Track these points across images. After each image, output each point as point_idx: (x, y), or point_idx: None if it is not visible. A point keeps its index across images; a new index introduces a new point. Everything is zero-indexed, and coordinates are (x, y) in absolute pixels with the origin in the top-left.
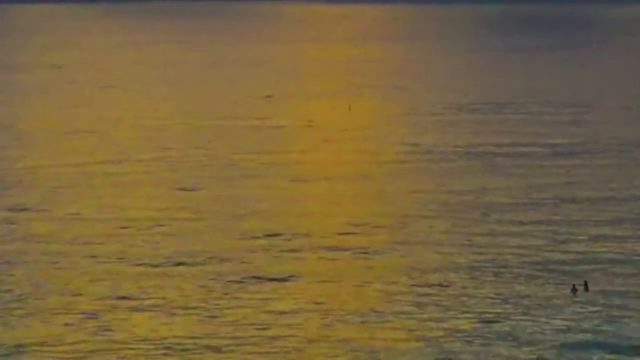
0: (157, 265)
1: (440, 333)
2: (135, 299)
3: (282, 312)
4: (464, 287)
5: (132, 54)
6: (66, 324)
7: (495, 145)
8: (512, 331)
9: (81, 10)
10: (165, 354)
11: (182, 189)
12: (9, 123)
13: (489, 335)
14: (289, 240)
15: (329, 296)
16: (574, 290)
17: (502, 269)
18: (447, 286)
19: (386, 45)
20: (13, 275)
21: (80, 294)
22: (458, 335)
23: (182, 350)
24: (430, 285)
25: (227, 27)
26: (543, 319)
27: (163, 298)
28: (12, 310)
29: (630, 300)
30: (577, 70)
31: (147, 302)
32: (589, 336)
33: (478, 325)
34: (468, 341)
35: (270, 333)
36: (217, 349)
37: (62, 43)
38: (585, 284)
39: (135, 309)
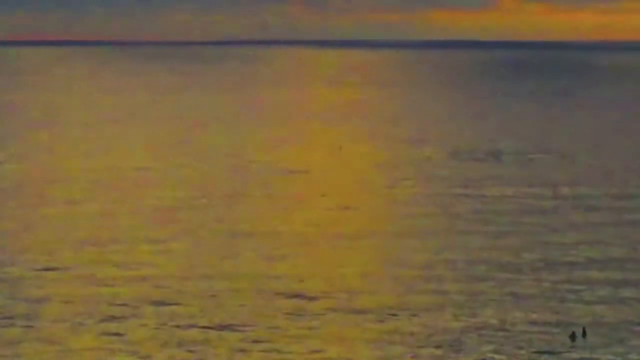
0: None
1: None
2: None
3: None
4: (465, 331)
5: (127, 96)
6: None
7: (490, 197)
8: None
9: (78, 53)
10: None
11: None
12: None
13: None
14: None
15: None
16: (573, 336)
17: (503, 313)
18: (447, 332)
19: (381, 89)
20: None
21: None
22: None
23: None
24: (437, 346)
25: (227, 71)
26: None
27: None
28: None
29: (628, 348)
30: (575, 117)
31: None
32: None
33: None
34: None
35: None
36: None
37: (59, 85)
38: (584, 331)
39: (121, 348)
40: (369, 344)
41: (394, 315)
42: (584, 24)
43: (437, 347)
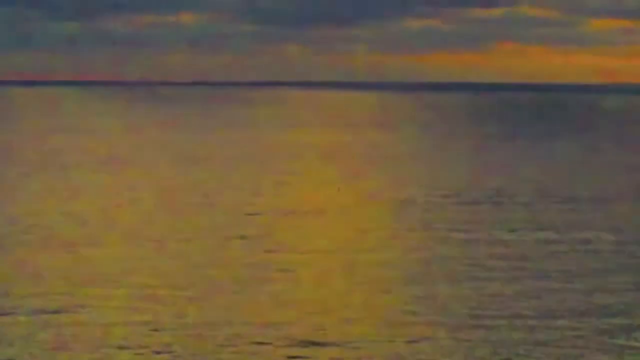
0: None
1: None
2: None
3: None
4: None
5: (137, 137)
6: None
7: (487, 241)
8: None
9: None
10: None
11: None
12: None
13: None
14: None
15: None
16: None
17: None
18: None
19: (381, 131)
20: None
21: None
22: None
23: None
24: None
25: (227, 111)
26: None
27: None
28: None
29: None
30: (574, 159)
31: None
32: None
33: None
34: None
35: None
36: None
37: (54, 125)
38: None
39: None
40: None
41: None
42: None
43: None
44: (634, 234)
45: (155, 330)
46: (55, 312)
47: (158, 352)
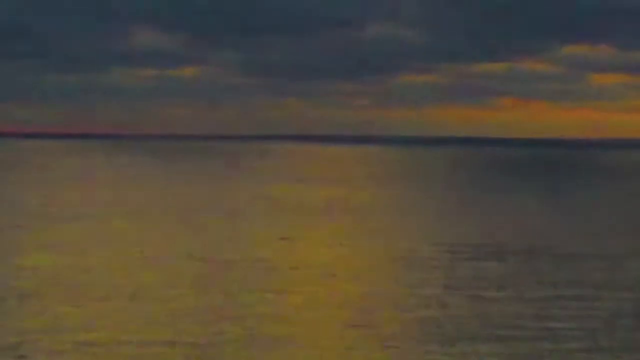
0: None
1: None
2: None
3: None
4: None
5: (139, 190)
6: None
7: (491, 299)
8: None
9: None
10: None
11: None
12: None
13: None
14: None
15: None
16: None
17: None
18: None
19: (384, 185)
20: None
21: None
22: None
23: None
24: None
25: (229, 165)
26: None
27: None
28: None
29: None
30: (577, 215)
31: None
32: None
33: None
34: None
35: None
36: None
37: (61, 178)
38: None
39: None
40: None
41: None
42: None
43: None
44: (635, 292)
45: None
46: None
47: None
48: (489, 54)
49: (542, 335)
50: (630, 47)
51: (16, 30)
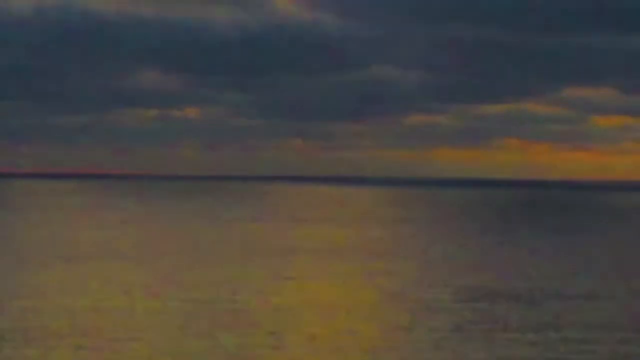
0: None
1: None
2: None
3: None
4: None
5: (141, 230)
6: None
7: (499, 344)
8: None
9: (81, 186)
10: None
11: None
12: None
13: None
14: None
15: None
16: None
17: None
18: None
19: (385, 227)
20: None
21: None
22: None
23: None
24: None
25: (230, 205)
26: None
27: None
28: None
29: None
30: (582, 257)
31: None
32: None
33: None
34: None
35: None
36: None
37: (65, 218)
38: None
39: None
40: None
41: None
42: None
43: None
44: (634, 334)
45: None
46: None
47: None
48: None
49: None
50: (632, 89)
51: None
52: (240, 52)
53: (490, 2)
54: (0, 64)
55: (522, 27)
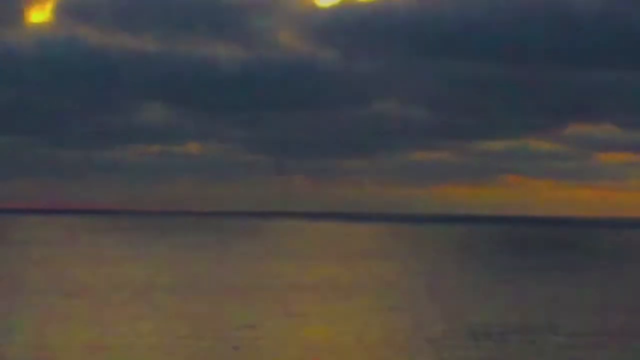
0: None
1: None
2: None
3: None
4: None
5: (143, 267)
6: None
7: None
8: None
9: (78, 222)
10: None
11: None
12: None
13: None
14: None
15: None
16: None
17: None
18: None
19: (390, 263)
20: None
21: None
22: None
23: None
24: None
25: (230, 242)
26: None
27: None
28: None
29: None
30: (582, 294)
31: None
32: None
33: None
34: None
35: None
36: None
37: (61, 254)
38: None
39: None
40: None
41: None
42: (588, 200)
43: None
44: None
45: None
46: None
47: None
48: (493, 131)
49: None
50: (633, 126)
51: (18, 106)
52: (243, 88)
53: (492, 38)
54: (2, 100)
55: (524, 63)
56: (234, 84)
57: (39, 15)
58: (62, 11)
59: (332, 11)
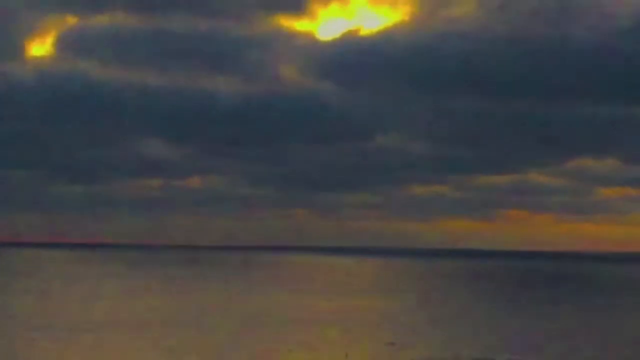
0: None
1: None
2: None
3: None
4: None
5: (141, 301)
6: None
7: None
8: None
9: (78, 256)
10: None
11: None
12: None
13: None
14: None
15: None
16: None
17: None
18: None
19: (391, 297)
20: None
21: None
22: None
23: None
24: None
25: (232, 276)
26: None
27: None
28: None
29: None
30: (580, 328)
31: None
32: None
33: None
34: None
35: None
36: None
37: (58, 289)
38: None
39: None
40: None
41: None
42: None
43: None
44: None
45: None
46: None
47: None
48: (494, 166)
49: None
50: (636, 161)
51: (19, 140)
52: (244, 121)
53: (493, 73)
54: (2, 133)
55: (526, 97)
56: (234, 118)
57: (39, 49)
58: (63, 45)
59: (333, 44)
